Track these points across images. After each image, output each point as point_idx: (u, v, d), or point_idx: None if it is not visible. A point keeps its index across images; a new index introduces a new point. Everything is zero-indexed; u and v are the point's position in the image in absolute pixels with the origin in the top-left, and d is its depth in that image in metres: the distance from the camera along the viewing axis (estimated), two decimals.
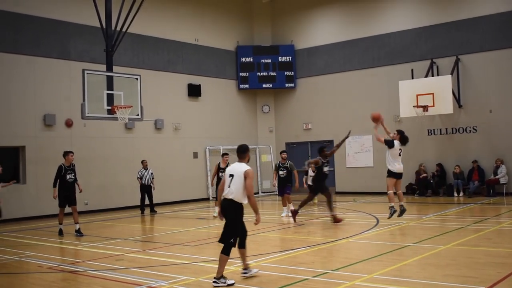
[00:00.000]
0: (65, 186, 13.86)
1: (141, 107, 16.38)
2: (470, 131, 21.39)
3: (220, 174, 15.54)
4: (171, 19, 23.18)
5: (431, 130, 22.18)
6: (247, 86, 26.03)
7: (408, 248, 10.17)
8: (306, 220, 15.36)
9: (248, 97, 26.59)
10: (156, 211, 19.17)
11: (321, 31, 25.62)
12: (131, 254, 10.68)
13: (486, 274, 7.76)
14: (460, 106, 21.34)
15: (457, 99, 21.20)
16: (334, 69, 25.07)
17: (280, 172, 16.19)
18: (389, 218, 13.77)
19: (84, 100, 15.04)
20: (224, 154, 16.45)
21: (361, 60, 24.25)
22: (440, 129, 21.99)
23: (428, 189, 21.73)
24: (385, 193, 22.11)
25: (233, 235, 8.04)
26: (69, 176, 13.93)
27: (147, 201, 19.17)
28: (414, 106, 20.37)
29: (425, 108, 20.21)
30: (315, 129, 25.66)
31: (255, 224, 8.38)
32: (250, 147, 11.19)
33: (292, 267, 8.81)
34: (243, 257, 8.19)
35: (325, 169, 14.67)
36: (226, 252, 7.93)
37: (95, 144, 19.82)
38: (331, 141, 24.87)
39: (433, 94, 20.16)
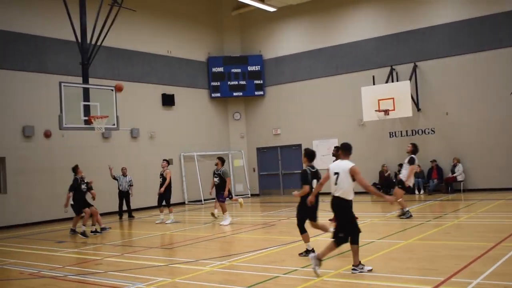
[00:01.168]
0: (81, 195, 14.77)
1: (117, 117, 16.28)
2: (428, 132, 21.72)
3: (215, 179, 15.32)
4: (144, 32, 23.06)
5: (392, 133, 22.46)
6: (218, 94, 26.01)
7: (373, 244, 10.27)
8: (277, 220, 15.38)
9: (220, 105, 26.57)
10: (133, 216, 19.00)
11: (287, 42, 25.77)
12: (110, 258, 10.56)
13: (445, 266, 7.88)
14: (418, 110, 21.66)
15: (415, 103, 21.51)
16: (300, 77, 25.22)
17: (215, 179, 15.08)
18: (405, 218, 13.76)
19: (61, 111, 14.90)
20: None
21: (326, 68, 24.45)
22: (401, 131, 22.29)
23: (391, 188, 21.94)
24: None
25: (343, 231, 7.93)
26: (83, 186, 14.85)
27: (125, 207, 19.00)
28: (376, 110, 20.61)
29: (386, 112, 20.46)
30: (284, 134, 25.76)
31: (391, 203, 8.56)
32: (222, 152, 11.27)
33: (264, 265, 8.83)
34: (354, 253, 7.92)
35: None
36: (354, 241, 7.88)
37: (73, 153, 19.54)
38: (299, 145, 25.06)
39: (393, 98, 20.42)
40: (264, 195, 26.16)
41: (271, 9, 24.37)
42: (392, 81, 21.85)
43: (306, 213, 9.50)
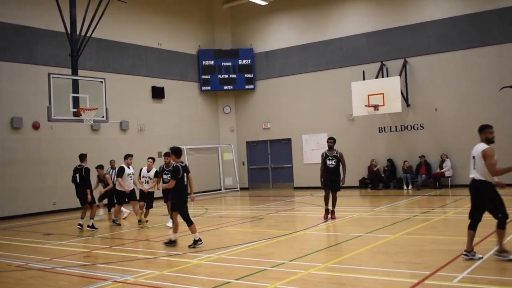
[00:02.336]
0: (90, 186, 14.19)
1: (106, 109, 16.20)
2: (417, 128, 21.84)
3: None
4: (135, 24, 22.94)
5: (382, 128, 22.55)
6: (209, 88, 25.96)
7: (361, 238, 10.34)
8: (265, 214, 15.42)
9: (210, 99, 26.53)
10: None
11: (278, 36, 25.75)
12: (98, 251, 10.56)
13: (431, 260, 7.96)
14: (408, 105, 21.77)
15: (405, 98, 21.61)
16: (291, 71, 25.24)
17: (164, 177, 13.35)
18: None
19: (50, 103, 14.80)
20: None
21: (316, 62, 24.48)
22: (390, 127, 22.39)
23: (379, 183, 22.09)
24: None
25: (497, 211, 7.79)
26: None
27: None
28: (366, 106, 20.69)
29: (376, 107, 20.54)
30: (273, 128, 25.79)
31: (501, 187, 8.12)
32: (211, 146, 11.32)
33: (252, 258, 8.86)
34: (500, 238, 7.73)
35: (329, 162, 13.35)
36: (501, 226, 7.68)
37: (62, 145, 19.47)
38: (289, 139, 25.14)
39: (383, 94, 20.51)
40: (253, 189, 26.20)
41: (263, 3, 24.35)
42: (382, 77, 21.93)
43: (181, 204, 10.38)
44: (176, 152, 10.49)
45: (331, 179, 13.31)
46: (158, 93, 23.61)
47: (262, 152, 26.28)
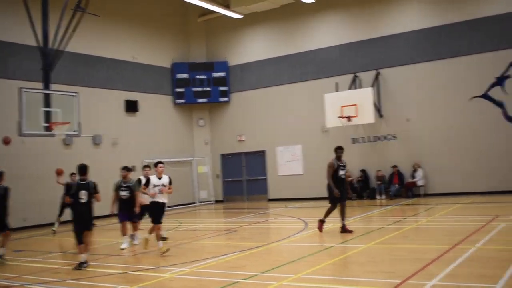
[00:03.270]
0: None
1: (79, 123, 16.03)
2: (390, 138, 22.04)
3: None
4: (108, 37, 22.79)
5: (355, 139, 22.71)
6: (183, 101, 25.88)
7: (334, 248, 10.36)
8: (239, 227, 15.36)
9: (184, 112, 26.44)
10: (95, 224, 18.65)
11: (253, 48, 25.84)
12: (69, 267, 10.37)
13: (402, 269, 8.00)
14: (381, 116, 21.97)
15: (378, 109, 21.82)
16: (265, 84, 25.31)
17: (122, 193, 12.66)
18: None
19: (21, 117, 14.59)
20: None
21: (290, 74, 24.60)
22: (363, 138, 22.56)
23: (353, 193, 22.15)
24: (314, 199, 22.52)
25: None
26: None
27: None
28: (339, 117, 20.84)
29: (349, 118, 20.70)
30: (248, 141, 25.77)
31: None
32: (186, 159, 11.29)
33: (225, 271, 8.80)
34: None
35: (341, 172, 12.92)
36: None
37: (34, 160, 19.15)
38: (263, 152, 25.16)
39: (356, 105, 20.69)
40: (227, 202, 26.10)
41: (237, 16, 24.42)
42: (355, 88, 22.14)
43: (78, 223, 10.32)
44: (80, 169, 10.43)
45: (343, 190, 12.85)
46: (131, 107, 23.45)
47: (237, 164, 26.24)
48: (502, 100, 19.77)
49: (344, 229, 12.41)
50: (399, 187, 21.27)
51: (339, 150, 13.05)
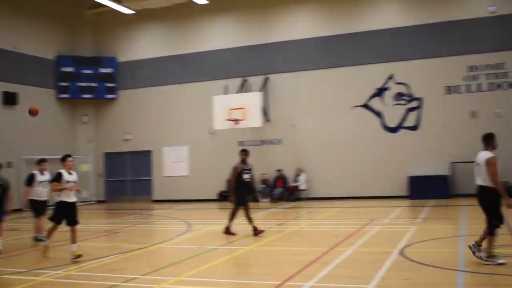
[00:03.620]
0: None
1: None
2: (276, 143, 22.57)
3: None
4: None
5: (241, 142, 22.93)
6: (67, 96, 24.71)
7: (215, 251, 10.34)
8: (121, 228, 14.92)
9: (67, 107, 25.25)
10: None
11: (144, 46, 25.27)
12: None
13: (281, 271, 8.15)
14: (268, 120, 22.41)
15: (265, 114, 22.24)
16: (155, 83, 24.87)
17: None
18: None
19: None
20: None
21: (180, 75, 24.36)
22: (250, 141, 22.87)
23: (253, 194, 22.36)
24: (199, 200, 22.49)
25: (494, 218, 8.06)
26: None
27: None
28: (227, 120, 20.96)
29: (236, 121, 20.89)
30: (134, 140, 25.17)
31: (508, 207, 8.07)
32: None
33: (103, 274, 8.47)
34: (489, 243, 8.09)
35: (245, 176, 12.45)
36: (491, 233, 8.06)
37: None
38: (149, 152, 24.71)
39: (244, 108, 20.93)
40: (110, 202, 25.31)
41: (128, 11, 23.70)
42: (245, 92, 22.40)
43: None
44: None
45: (246, 194, 12.57)
46: (10, 99, 22.00)
47: (121, 164, 25.52)
48: (381, 111, 21.02)
49: (254, 230, 12.12)
50: (283, 191, 21.79)
51: (243, 153, 12.68)
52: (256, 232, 12.09)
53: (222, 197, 22.69)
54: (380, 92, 21.23)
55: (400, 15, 21.36)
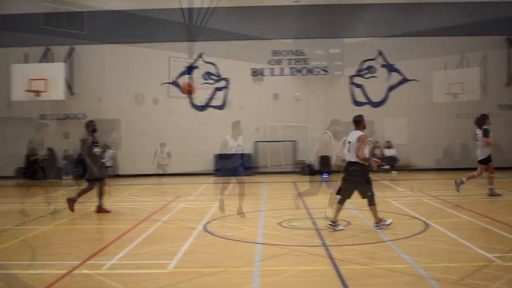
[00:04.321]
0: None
1: None
2: (80, 117, 21.44)
3: None
4: None
5: (43, 115, 21.45)
6: None
7: (11, 231, 9.58)
8: None
9: None
10: None
11: None
12: None
13: (81, 250, 7.86)
14: (72, 93, 21.31)
15: (69, 86, 21.10)
16: None
17: None
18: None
19: None
20: None
21: None
22: (51, 115, 21.54)
23: (37, 173, 20.95)
24: None
25: (368, 190, 8.74)
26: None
27: None
28: (26, 91, 19.42)
29: (37, 93, 19.48)
30: None
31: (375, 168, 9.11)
32: None
33: None
34: (373, 213, 8.84)
35: (96, 149, 11.54)
36: (372, 203, 8.79)
37: None
38: None
39: (47, 80, 19.59)
40: None
41: None
42: (47, 62, 20.96)
43: None
44: None
45: (99, 168, 11.64)
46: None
47: None
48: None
49: (100, 209, 11.57)
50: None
51: (91, 124, 11.69)
52: (100, 210, 11.54)
53: (19, 173, 21.05)
54: (189, 70, 21.48)
55: None
